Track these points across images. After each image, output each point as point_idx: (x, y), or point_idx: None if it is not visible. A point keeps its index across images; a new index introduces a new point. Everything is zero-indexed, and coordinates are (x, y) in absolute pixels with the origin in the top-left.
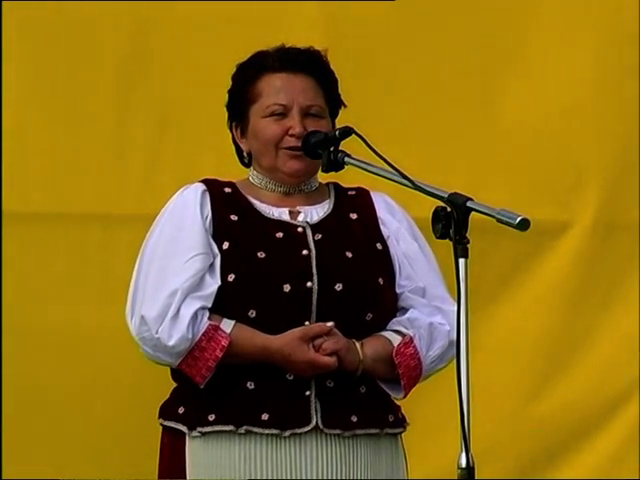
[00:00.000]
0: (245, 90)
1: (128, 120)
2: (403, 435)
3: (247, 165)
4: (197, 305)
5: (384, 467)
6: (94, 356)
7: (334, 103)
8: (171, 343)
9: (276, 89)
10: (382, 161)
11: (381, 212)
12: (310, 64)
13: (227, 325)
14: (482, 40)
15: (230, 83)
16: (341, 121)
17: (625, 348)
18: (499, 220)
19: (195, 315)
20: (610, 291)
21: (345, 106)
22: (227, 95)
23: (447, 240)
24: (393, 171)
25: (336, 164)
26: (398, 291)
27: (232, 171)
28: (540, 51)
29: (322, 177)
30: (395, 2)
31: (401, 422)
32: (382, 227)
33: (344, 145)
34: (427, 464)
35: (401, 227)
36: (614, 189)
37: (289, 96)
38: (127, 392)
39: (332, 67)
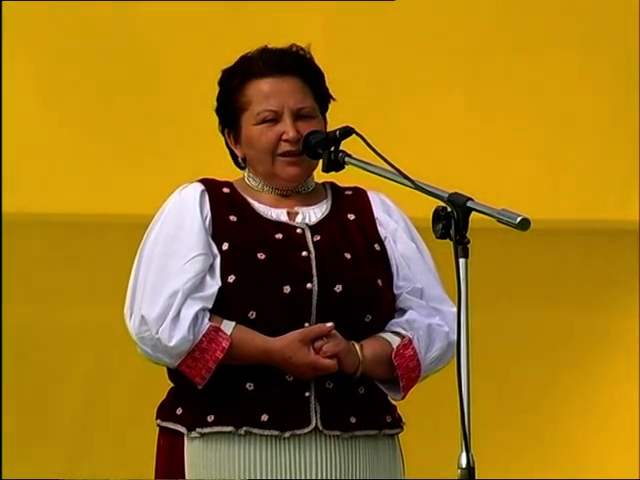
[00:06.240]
0: (234, 98)
1: (129, 122)
2: (403, 434)
3: (243, 168)
4: (198, 306)
5: (382, 468)
6: (94, 356)
7: (323, 99)
8: (172, 344)
9: (265, 95)
10: (383, 161)
11: (378, 212)
12: (296, 64)
13: (228, 327)
14: (481, 41)
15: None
16: (339, 121)
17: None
18: (499, 220)
19: (196, 316)
20: None
21: (334, 99)
22: (216, 101)
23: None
24: (394, 171)
25: (337, 164)
26: (396, 292)
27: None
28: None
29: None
30: (395, 2)
31: (398, 422)
32: (379, 228)
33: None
34: (426, 464)
35: (398, 227)
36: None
37: (279, 101)
38: (126, 392)
39: (319, 64)
